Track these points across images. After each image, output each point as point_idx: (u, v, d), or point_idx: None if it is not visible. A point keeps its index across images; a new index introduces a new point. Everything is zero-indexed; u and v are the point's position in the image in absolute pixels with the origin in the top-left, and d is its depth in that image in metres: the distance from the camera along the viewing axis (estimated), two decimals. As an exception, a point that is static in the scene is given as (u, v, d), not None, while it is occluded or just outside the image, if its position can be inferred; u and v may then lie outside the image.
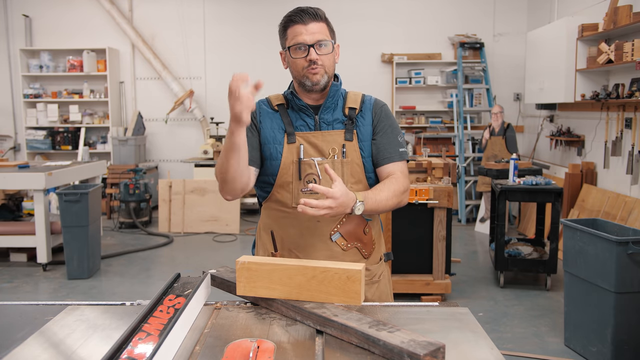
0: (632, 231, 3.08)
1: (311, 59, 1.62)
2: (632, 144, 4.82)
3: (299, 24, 1.62)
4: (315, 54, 1.62)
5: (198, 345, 1.19)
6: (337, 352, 1.15)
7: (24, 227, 5.08)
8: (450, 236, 4.22)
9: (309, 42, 1.61)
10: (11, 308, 1.47)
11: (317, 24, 1.63)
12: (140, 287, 4.64)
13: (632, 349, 2.99)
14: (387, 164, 1.70)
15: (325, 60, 1.64)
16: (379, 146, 1.70)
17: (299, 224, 1.68)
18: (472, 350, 1.17)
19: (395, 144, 1.72)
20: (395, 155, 1.71)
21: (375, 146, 1.70)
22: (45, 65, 7.81)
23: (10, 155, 7.98)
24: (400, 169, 1.71)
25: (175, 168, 8.05)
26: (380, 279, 1.80)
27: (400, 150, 1.72)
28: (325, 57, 1.64)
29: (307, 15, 1.62)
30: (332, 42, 1.66)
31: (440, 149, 5.42)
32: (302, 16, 1.62)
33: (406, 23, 7.74)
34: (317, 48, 1.62)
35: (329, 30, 1.67)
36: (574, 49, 5.51)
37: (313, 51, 1.61)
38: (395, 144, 1.72)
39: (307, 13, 1.62)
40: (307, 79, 1.65)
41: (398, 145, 1.73)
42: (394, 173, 1.68)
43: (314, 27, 1.62)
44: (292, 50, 1.64)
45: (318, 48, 1.62)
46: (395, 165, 1.70)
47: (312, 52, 1.62)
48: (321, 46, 1.63)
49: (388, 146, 1.70)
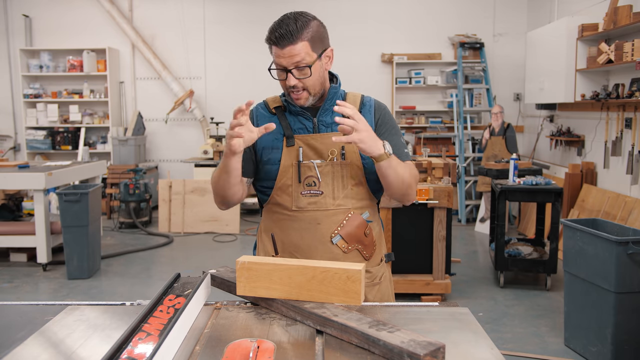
0: (632, 231, 3.08)
1: (289, 85, 1.58)
2: (632, 144, 4.82)
3: (274, 46, 1.55)
4: (293, 79, 1.56)
5: (198, 345, 1.19)
6: (337, 352, 1.15)
7: (24, 227, 5.08)
8: (450, 236, 4.22)
9: (287, 67, 1.55)
10: (11, 308, 1.47)
11: (294, 46, 1.53)
12: (140, 287, 4.64)
13: (632, 349, 2.99)
14: None
15: (307, 82, 1.59)
16: None
17: (299, 226, 1.67)
18: (472, 350, 1.17)
19: (400, 145, 1.72)
20: (403, 155, 1.70)
21: None
22: (45, 65, 7.81)
23: (10, 155, 7.98)
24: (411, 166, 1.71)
25: (175, 168, 8.05)
26: (382, 281, 1.79)
27: (405, 151, 1.72)
28: (307, 79, 1.58)
29: (283, 38, 1.52)
30: (316, 59, 1.57)
31: (440, 149, 5.42)
32: (278, 39, 1.53)
33: (406, 23, 7.74)
34: (297, 72, 1.56)
35: (312, 46, 1.55)
36: (574, 49, 5.51)
37: (291, 77, 1.56)
38: (400, 144, 1.72)
39: (283, 35, 1.52)
40: (293, 100, 1.64)
41: (402, 146, 1.73)
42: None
43: (291, 50, 1.53)
44: (273, 71, 1.61)
45: (297, 72, 1.56)
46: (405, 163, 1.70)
47: (290, 78, 1.56)
48: (301, 70, 1.56)
49: (394, 147, 1.68)
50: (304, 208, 1.66)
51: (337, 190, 1.66)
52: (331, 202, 1.66)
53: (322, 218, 1.66)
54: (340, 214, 1.66)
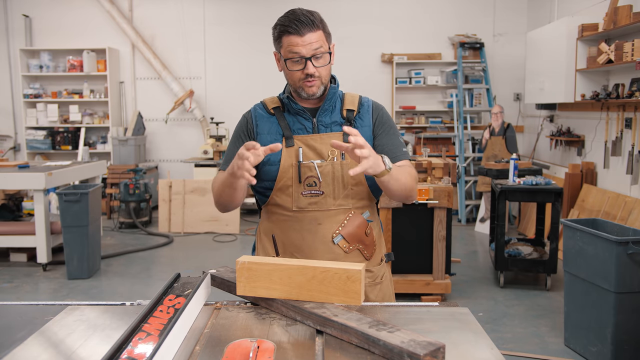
0: (632, 231, 3.08)
1: (308, 73, 1.58)
2: (632, 144, 4.82)
3: (294, 35, 1.55)
4: (312, 67, 1.57)
5: (198, 345, 1.19)
6: (337, 352, 1.15)
7: (24, 227, 5.08)
8: (450, 236, 4.22)
9: (305, 55, 1.56)
10: (11, 308, 1.47)
11: (313, 34, 1.56)
12: (140, 287, 4.64)
13: (632, 349, 2.99)
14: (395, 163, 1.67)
15: (323, 71, 1.61)
16: (383, 147, 1.69)
17: (300, 227, 1.67)
18: (472, 350, 1.17)
19: (398, 144, 1.72)
20: (401, 155, 1.70)
21: (380, 147, 1.69)
22: (45, 65, 7.81)
23: (10, 155, 7.98)
24: (409, 166, 1.70)
25: (175, 168, 8.05)
26: (383, 280, 1.79)
27: (403, 150, 1.72)
28: (323, 68, 1.61)
29: (303, 25, 1.54)
30: (329, 52, 1.61)
31: (440, 149, 5.42)
32: (298, 26, 1.54)
33: (406, 23, 7.74)
34: (315, 60, 1.58)
35: (325, 35, 1.61)
36: (574, 49, 5.51)
37: (310, 65, 1.57)
38: (398, 144, 1.72)
39: (303, 23, 1.54)
40: (303, 90, 1.62)
41: (401, 145, 1.73)
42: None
43: (311, 37, 1.55)
44: (288, 62, 1.60)
45: (315, 60, 1.58)
46: (403, 162, 1.69)
47: (309, 66, 1.57)
48: (318, 58, 1.58)
49: (392, 146, 1.69)
50: (305, 208, 1.66)
51: (338, 190, 1.66)
52: (332, 202, 1.66)
53: (323, 218, 1.65)
54: (341, 214, 1.66)
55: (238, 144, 1.71)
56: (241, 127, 1.75)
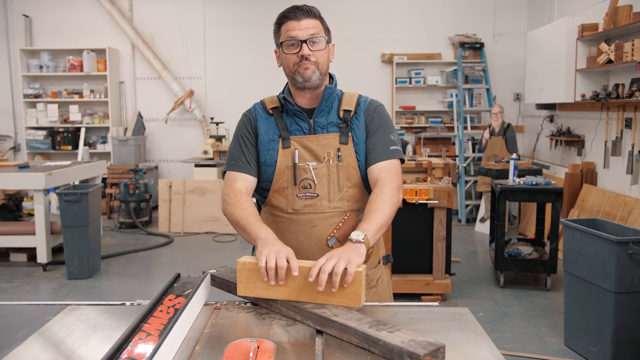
0: (632, 231, 3.08)
1: (302, 54, 1.60)
2: (632, 144, 4.82)
3: (292, 20, 1.60)
4: (307, 49, 1.59)
5: (198, 345, 1.19)
6: (337, 352, 1.15)
7: (24, 227, 5.08)
8: (450, 236, 4.22)
9: (301, 38, 1.59)
10: (11, 308, 1.47)
11: (310, 20, 1.61)
12: (140, 287, 4.64)
13: (632, 349, 2.99)
14: (373, 164, 1.65)
15: (319, 56, 1.62)
16: (369, 146, 1.67)
17: (296, 229, 1.66)
18: (472, 350, 1.17)
19: (385, 143, 1.67)
20: (383, 154, 1.65)
21: (369, 146, 1.67)
22: (45, 65, 7.81)
23: (10, 155, 7.98)
24: (386, 169, 1.64)
25: (175, 168, 8.04)
26: (379, 283, 1.77)
27: (390, 149, 1.67)
28: (319, 53, 1.62)
29: (301, 11, 1.61)
30: (325, 39, 1.64)
31: (440, 149, 5.41)
32: (296, 12, 1.60)
33: (406, 23, 7.74)
34: (310, 44, 1.60)
35: (324, 28, 1.65)
36: (574, 49, 5.51)
37: (305, 46, 1.59)
38: (385, 142, 1.67)
39: (301, 9, 1.61)
40: (299, 74, 1.62)
41: (389, 144, 1.68)
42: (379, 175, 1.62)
43: (308, 23, 1.60)
44: (284, 45, 1.62)
45: (311, 44, 1.60)
46: (381, 165, 1.64)
47: (304, 48, 1.59)
48: (314, 42, 1.61)
49: (377, 146, 1.66)
50: (300, 211, 1.65)
51: (333, 192, 1.65)
52: (327, 205, 1.65)
53: (317, 221, 1.65)
54: (336, 217, 1.66)
55: (240, 143, 1.71)
56: (243, 126, 1.75)
